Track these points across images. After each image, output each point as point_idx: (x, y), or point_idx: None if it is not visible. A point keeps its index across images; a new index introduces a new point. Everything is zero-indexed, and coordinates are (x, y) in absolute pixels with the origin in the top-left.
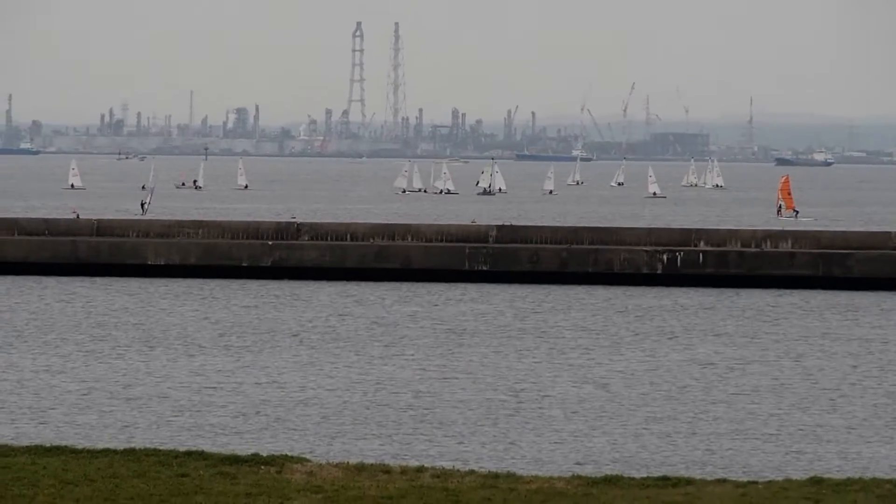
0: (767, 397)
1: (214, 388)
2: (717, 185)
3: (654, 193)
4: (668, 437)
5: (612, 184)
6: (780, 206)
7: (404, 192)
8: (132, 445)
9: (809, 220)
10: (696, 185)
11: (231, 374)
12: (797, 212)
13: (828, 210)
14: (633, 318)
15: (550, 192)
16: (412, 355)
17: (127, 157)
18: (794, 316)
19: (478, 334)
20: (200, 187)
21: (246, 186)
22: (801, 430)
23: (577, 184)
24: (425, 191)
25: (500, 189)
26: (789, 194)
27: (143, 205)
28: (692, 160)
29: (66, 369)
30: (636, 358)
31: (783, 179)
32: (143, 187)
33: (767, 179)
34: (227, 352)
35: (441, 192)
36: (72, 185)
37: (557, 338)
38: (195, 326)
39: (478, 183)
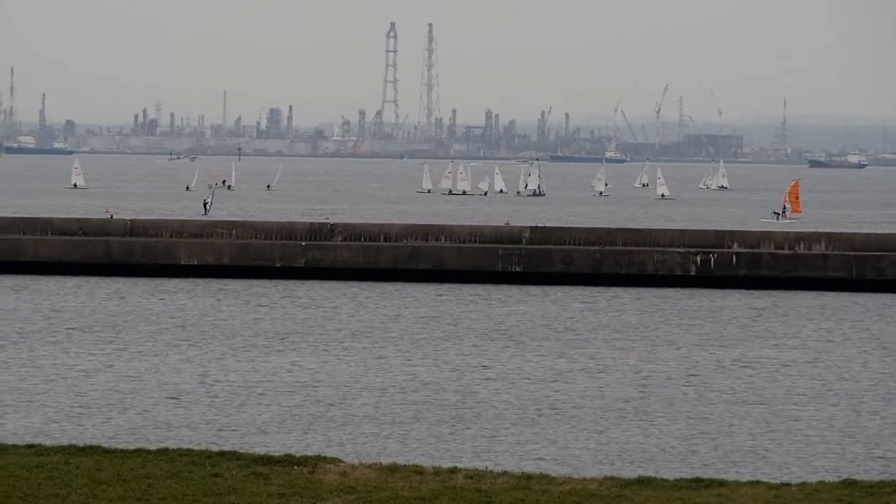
0: (801, 399)
1: (249, 388)
2: (722, 187)
3: (663, 195)
4: (701, 438)
5: (637, 185)
6: (784, 208)
7: (450, 192)
8: (165, 445)
9: (789, 222)
10: (709, 188)
11: (265, 375)
12: (777, 214)
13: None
14: (667, 319)
15: (601, 193)
16: (446, 356)
17: (178, 158)
18: (828, 319)
19: (513, 335)
20: (231, 187)
21: (268, 187)
22: (835, 431)
23: None
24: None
25: (500, 190)
26: (797, 198)
27: (205, 204)
28: (711, 162)
29: (100, 368)
30: (670, 359)
31: (793, 183)
32: (188, 188)
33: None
34: (262, 352)
35: (451, 192)
36: (74, 185)
37: (592, 339)
38: (230, 327)
39: (527, 185)
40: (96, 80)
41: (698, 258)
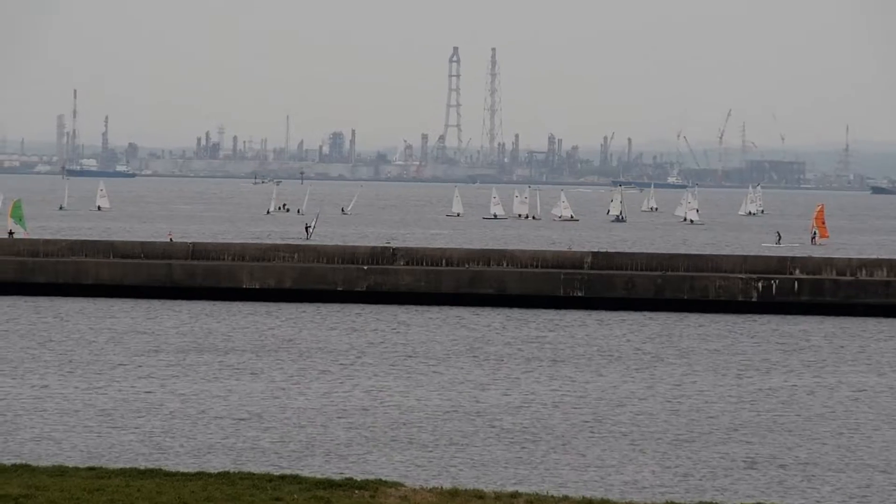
0: (867, 423)
1: (314, 410)
2: (751, 213)
3: (692, 221)
4: (764, 463)
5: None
6: (814, 234)
7: (525, 217)
8: (226, 468)
9: (795, 247)
10: (753, 213)
11: (328, 397)
12: (780, 236)
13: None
14: (731, 344)
15: (685, 219)
16: (506, 378)
17: (263, 182)
18: (894, 346)
19: (574, 359)
20: (290, 210)
21: (343, 210)
22: None
23: (652, 210)
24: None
25: (532, 216)
26: (823, 223)
27: (307, 228)
28: (750, 188)
29: (165, 391)
30: (734, 384)
31: (818, 208)
32: (268, 212)
33: (845, 207)
34: (326, 375)
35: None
36: (98, 207)
37: (655, 363)
38: (294, 350)
39: (608, 211)
40: (159, 104)
41: (760, 284)
